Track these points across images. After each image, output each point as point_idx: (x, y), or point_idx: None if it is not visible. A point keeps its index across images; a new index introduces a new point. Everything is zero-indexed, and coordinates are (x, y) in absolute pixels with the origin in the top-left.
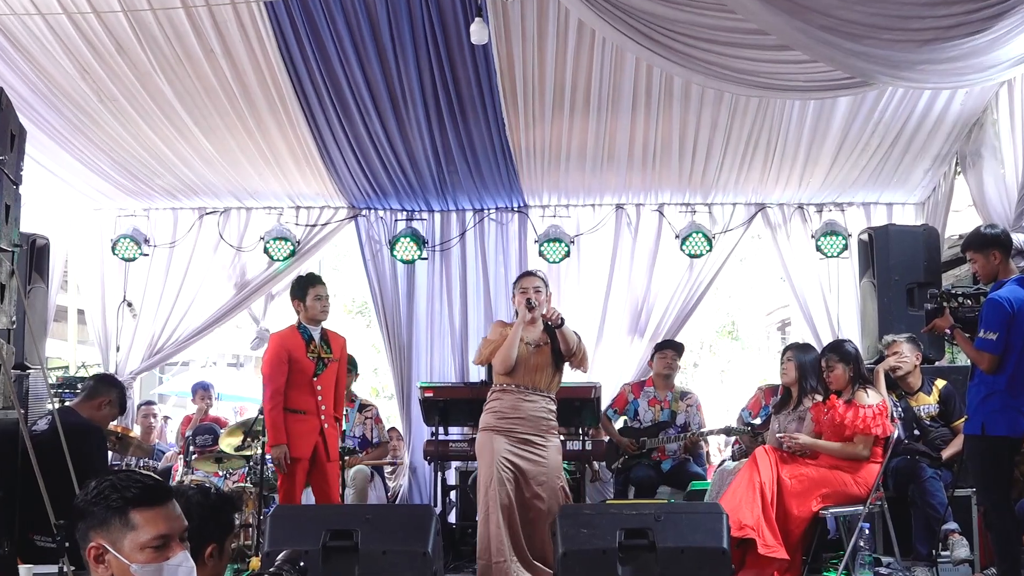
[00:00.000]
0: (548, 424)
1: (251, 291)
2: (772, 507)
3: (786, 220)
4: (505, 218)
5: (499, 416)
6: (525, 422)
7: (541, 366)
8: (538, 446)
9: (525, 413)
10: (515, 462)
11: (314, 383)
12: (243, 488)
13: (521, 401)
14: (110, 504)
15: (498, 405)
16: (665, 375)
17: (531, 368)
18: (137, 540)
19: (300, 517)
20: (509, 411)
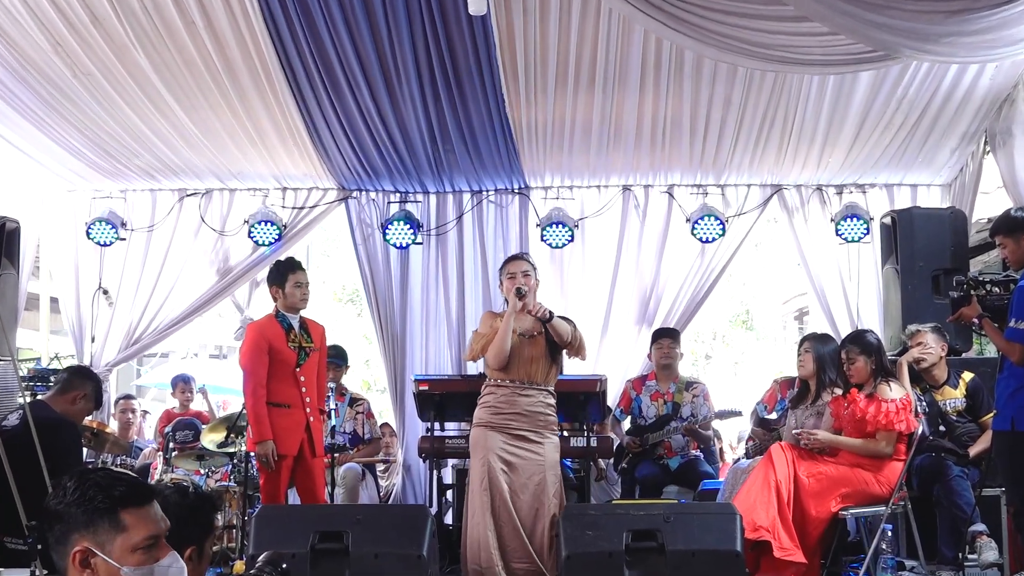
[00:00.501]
0: (546, 420)
1: (234, 278)
2: (789, 507)
3: (804, 202)
4: (505, 200)
5: (493, 411)
6: (521, 418)
7: (536, 357)
8: (534, 443)
9: (521, 408)
10: (509, 460)
11: (297, 374)
12: (226, 487)
13: (516, 396)
14: (96, 505)
15: (492, 400)
16: (665, 365)
17: (525, 360)
18: (128, 542)
19: (287, 518)
20: (504, 406)
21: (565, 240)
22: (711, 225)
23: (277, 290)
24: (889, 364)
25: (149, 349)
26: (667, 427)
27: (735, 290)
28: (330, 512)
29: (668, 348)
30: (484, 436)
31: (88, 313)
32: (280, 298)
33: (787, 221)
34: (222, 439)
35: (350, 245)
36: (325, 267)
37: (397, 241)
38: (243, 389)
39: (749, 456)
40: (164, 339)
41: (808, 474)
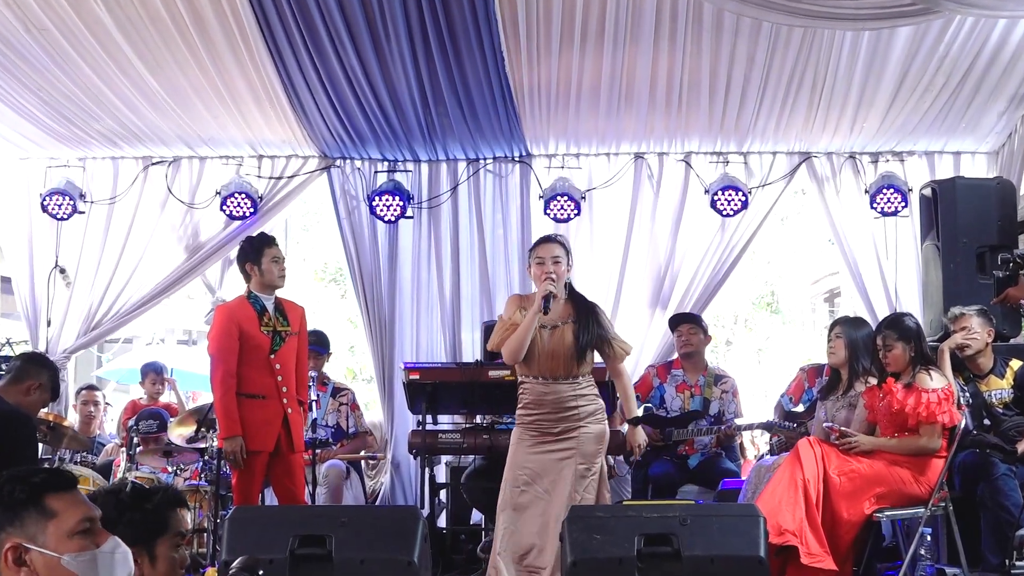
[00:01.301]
0: (578, 413)
1: (205, 255)
2: (817, 509)
3: (835, 172)
4: (504, 170)
5: (525, 411)
6: (550, 415)
7: (558, 352)
8: (561, 437)
9: (549, 406)
10: (534, 458)
11: (271, 361)
12: (196, 486)
13: (543, 393)
14: (16, 497)
15: (523, 398)
16: (687, 354)
17: (546, 354)
18: (62, 527)
19: (263, 520)
20: (532, 405)
21: (571, 214)
22: (732, 197)
23: (252, 267)
24: (929, 351)
25: (111, 334)
26: (693, 425)
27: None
28: (311, 514)
29: (688, 334)
30: (518, 435)
31: (43, 294)
32: (255, 276)
33: (817, 193)
34: (191, 433)
35: (333, 219)
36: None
37: (385, 215)
38: (211, 379)
39: (774, 452)
40: (127, 323)
41: (839, 472)
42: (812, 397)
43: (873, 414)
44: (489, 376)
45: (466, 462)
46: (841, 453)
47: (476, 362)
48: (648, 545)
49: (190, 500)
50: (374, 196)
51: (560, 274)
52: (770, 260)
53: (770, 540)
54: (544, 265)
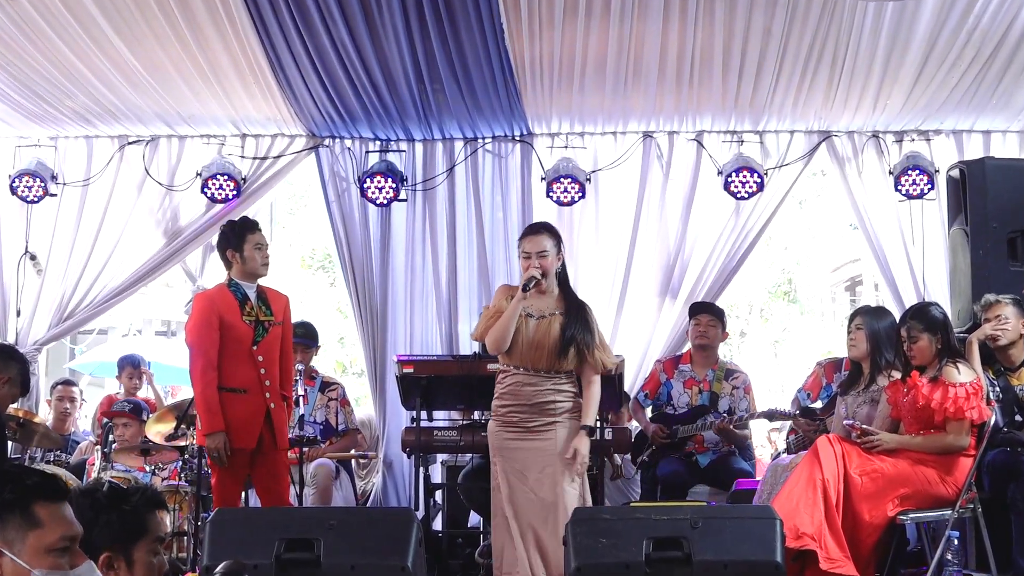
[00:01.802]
0: (555, 409)
1: (185, 241)
2: (838, 511)
3: (857, 152)
4: (504, 149)
5: (499, 401)
6: (526, 409)
7: (543, 344)
8: (538, 432)
9: (525, 399)
10: (514, 455)
11: (254, 353)
12: (176, 487)
13: (521, 385)
14: (3, 497)
15: (499, 388)
16: (701, 346)
17: (530, 345)
18: (42, 541)
19: (247, 523)
20: (507, 395)
21: (575, 197)
22: (747, 179)
23: (234, 254)
24: (957, 343)
25: (85, 325)
26: (701, 420)
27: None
28: (298, 516)
29: (707, 326)
30: (494, 429)
31: (12, 282)
32: (237, 263)
33: (837, 174)
34: (171, 430)
35: (321, 202)
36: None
37: (377, 197)
38: (190, 372)
39: (791, 451)
40: (102, 313)
41: (861, 472)
42: (831, 393)
43: (897, 410)
44: (488, 369)
45: (463, 461)
46: (863, 452)
47: (474, 355)
48: (657, 549)
49: (169, 501)
50: (365, 178)
51: (547, 268)
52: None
53: (787, 544)
54: (530, 259)
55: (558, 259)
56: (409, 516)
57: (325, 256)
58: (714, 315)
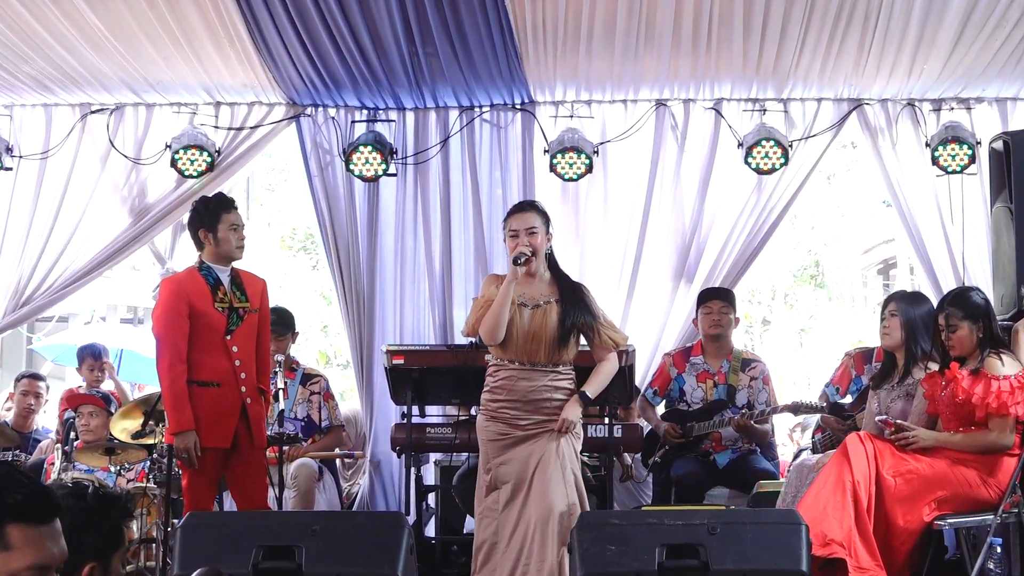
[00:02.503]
0: (553, 406)
1: (153, 219)
2: (869, 516)
3: (891, 122)
4: (504, 119)
5: (491, 395)
6: (520, 406)
7: (540, 334)
8: (530, 433)
9: (520, 395)
10: (504, 454)
11: (228, 343)
12: (143, 489)
13: (516, 379)
14: None
15: (491, 382)
16: (715, 336)
17: (526, 336)
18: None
19: (222, 529)
20: (500, 390)
21: (581, 170)
22: (770, 151)
23: (206, 234)
24: (1000, 332)
25: (43, 312)
26: (718, 416)
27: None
28: (278, 521)
29: (719, 314)
30: (483, 426)
31: None
32: (209, 245)
33: (869, 146)
34: (137, 427)
35: (302, 177)
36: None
37: (364, 171)
38: (157, 364)
39: (817, 450)
40: (62, 299)
41: (894, 472)
42: (861, 386)
43: (934, 405)
44: (485, 361)
45: (458, 461)
46: (897, 450)
47: (470, 344)
48: (671, 558)
49: (136, 505)
50: (351, 150)
51: (537, 246)
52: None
53: (813, 552)
54: (518, 238)
55: (548, 239)
56: (399, 521)
57: (307, 236)
58: (727, 301)
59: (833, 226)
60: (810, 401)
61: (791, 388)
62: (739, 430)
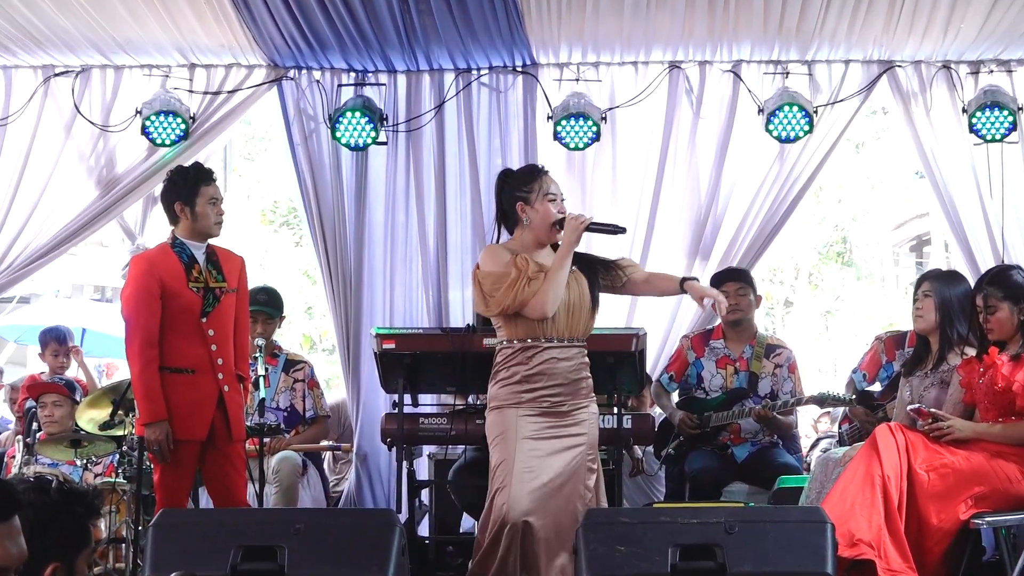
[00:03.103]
0: (585, 387)
1: (123, 192)
2: (900, 514)
3: (925, 86)
4: (504, 83)
5: (524, 385)
6: (559, 390)
7: (579, 307)
8: (571, 417)
9: (562, 377)
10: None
11: (203, 327)
12: (112, 485)
13: (557, 360)
14: None
15: (521, 370)
16: (734, 321)
17: (567, 309)
18: None
19: (197, 528)
20: (540, 376)
21: (588, 139)
22: (794, 118)
23: (183, 208)
24: None
25: (4, 291)
26: (738, 406)
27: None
28: (258, 520)
29: (736, 296)
30: (514, 424)
31: None
32: (186, 219)
33: (901, 112)
34: (105, 417)
35: (284, 146)
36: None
37: (351, 140)
38: (126, 350)
39: (844, 442)
40: (25, 278)
41: (928, 467)
42: (892, 373)
43: (971, 393)
44: (484, 345)
45: (454, 454)
46: (930, 443)
47: (467, 327)
48: (685, 559)
49: (104, 502)
50: (337, 116)
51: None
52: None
53: (840, 553)
54: (558, 203)
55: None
56: (390, 519)
57: (289, 210)
58: (742, 281)
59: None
60: (838, 392)
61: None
62: (760, 421)
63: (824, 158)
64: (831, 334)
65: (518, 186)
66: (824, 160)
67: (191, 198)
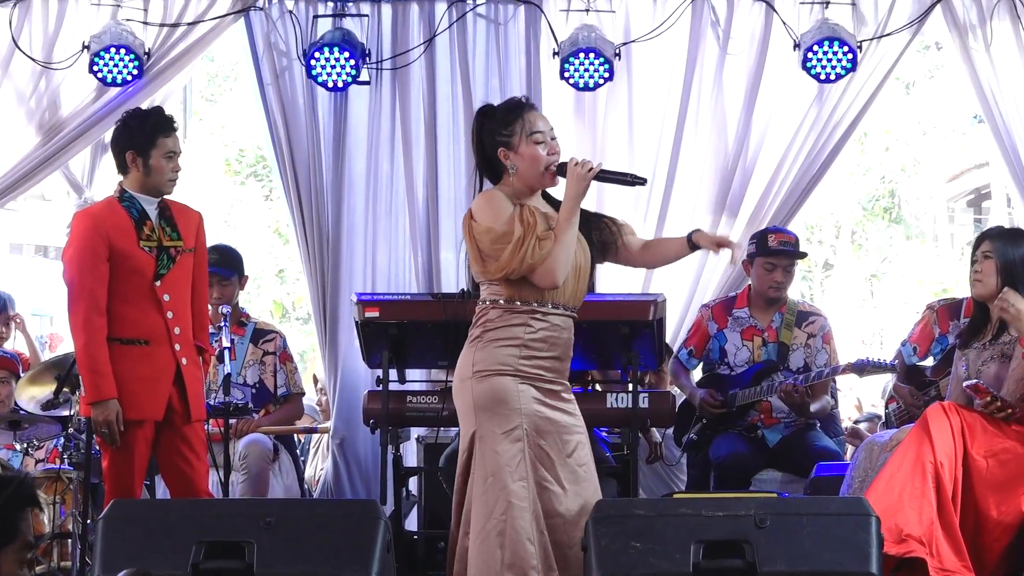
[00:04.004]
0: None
1: (68, 138)
2: (955, 506)
3: (984, 18)
4: (503, 14)
5: (523, 352)
6: (558, 363)
7: (583, 270)
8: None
9: (562, 349)
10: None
11: (157, 291)
12: (56, 472)
13: (560, 329)
14: None
15: (521, 332)
16: (773, 300)
17: (576, 273)
18: None
19: (154, 521)
20: (540, 344)
21: (600, 78)
22: (834, 54)
23: (135, 158)
24: None
25: None
26: (767, 382)
27: (873, 159)
28: (223, 512)
29: (784, 274)
30: (515, 391)
31: None
32: (137, 171)
33: (957, 48)
34: (49, 395)
35: (253, 85)
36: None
37: (329, 79)
38: (70, 320)
39: (891, 424)
40: None
41: (986, 452)
42: (946, 346)
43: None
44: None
45: (446, 437)
46: (990, 424)
47: (461, 293)
48: (710, 557)
49: (47, 492)
50: (313, 52)
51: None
52: (889, 146)
53: (886, 550)
54: (548, 144)
55: None
56: (373, 512)
57: (258, 159)
58: (798, 257)
59: (912, 147)
60: (879, 359)
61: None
62: (789, 403)
63: (869, 100)
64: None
65: (497, 129)
66: (869, 102)
67: (146, 148)
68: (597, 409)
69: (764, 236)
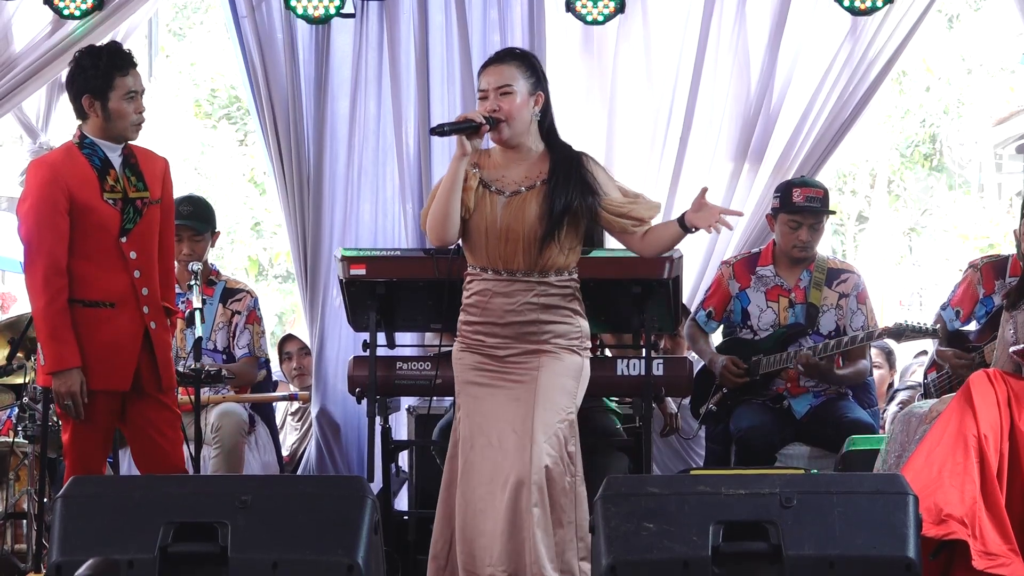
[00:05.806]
0: (538, 333)
1: (21, 77)
2: (1000, 484)
3: None
4: None
5: (464, 316)
6: (498, 329)
7: (516, 231)
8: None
9: (497, 315)
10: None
11: (123, 248)
12: (9, 446)
13: (491, 295)
14: None
15: (463, 297)
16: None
17: (499, 235)
18: None
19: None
20: (473, 308)
21: (609, 9)
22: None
23: (92, 103)
24: None
25: None
26: (794, 347)
27: (911, 100)
28: (194, 490)
29: (810, 233)
30: (458, 359)
31: None
32: (96, 117)
33: None
34: (2, 361)
35: (226, 18)
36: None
37: (310, 10)
38: (27, 280)
39: (930, 394)
40: None
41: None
42: (992, 308)
43: None
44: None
45: (440, 408)
46: None
47: (456, 249)
48: (730, 540)
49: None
50: None
51: (511, 112)
52: (930, 86)
53: (924, 532)
54: (488, 101)
55: (535, 102)
56: (359, 489)
57: (232, 100)
58: (825, 214)
59: (956, 87)
60: (920, 323)
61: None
62: (807, 371)
63: (908, 35)
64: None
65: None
66: (908, 37)
67: (103, 91)
68: (607, 377)
69: (789, 189)
